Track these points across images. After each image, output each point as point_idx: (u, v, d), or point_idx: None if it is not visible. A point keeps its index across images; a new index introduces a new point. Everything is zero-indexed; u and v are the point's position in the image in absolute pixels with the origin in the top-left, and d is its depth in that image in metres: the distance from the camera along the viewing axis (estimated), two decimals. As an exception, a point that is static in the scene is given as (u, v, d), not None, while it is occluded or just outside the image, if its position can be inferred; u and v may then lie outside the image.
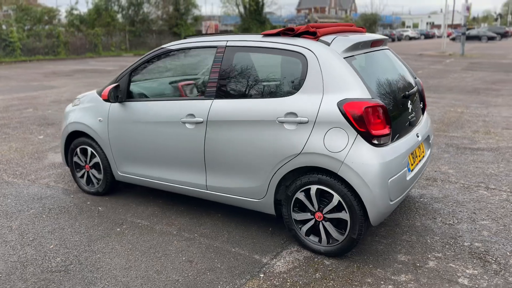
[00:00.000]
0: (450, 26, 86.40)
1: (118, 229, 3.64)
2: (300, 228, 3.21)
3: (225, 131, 3.34)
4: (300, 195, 3.12)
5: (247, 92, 3.36)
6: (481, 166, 5.14)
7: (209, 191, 3.58)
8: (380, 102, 2.90)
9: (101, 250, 3.30)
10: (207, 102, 3.45)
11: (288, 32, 3.26)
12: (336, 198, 2.96)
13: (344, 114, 2.87)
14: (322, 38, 3.15)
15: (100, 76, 16.38)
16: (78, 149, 4.40)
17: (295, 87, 3.11)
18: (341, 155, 2.87)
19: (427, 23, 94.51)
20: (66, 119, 4.50)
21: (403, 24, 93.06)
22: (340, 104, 2.89)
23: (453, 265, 3.00)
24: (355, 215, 2.92)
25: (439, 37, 65.20)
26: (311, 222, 3.14)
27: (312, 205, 3.09)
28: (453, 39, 45.73)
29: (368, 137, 2.85)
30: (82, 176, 4.48)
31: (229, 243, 3.36)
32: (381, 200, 2.87)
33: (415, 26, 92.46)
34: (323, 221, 3.08)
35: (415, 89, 3.54)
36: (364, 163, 2.83)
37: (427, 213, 3.86)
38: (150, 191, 4.44)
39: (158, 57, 3.87)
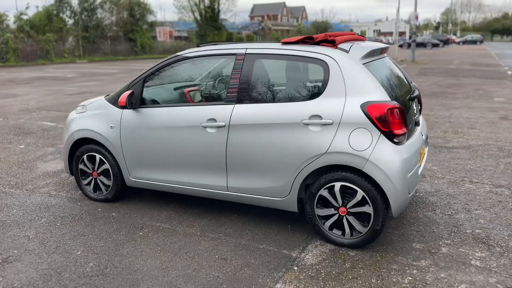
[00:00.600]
0: (392, 34, 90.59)
1: (141, 233, 3.70)
2: (324, 223, 3.43)
3: (248, 134, 3.51)
4: (324, 192, 3.34)
5: (269, 97, 3.56)
6: (460, 162, 5.61)
7: (230, 192, 3.72)
8: (398, 104, 3.19)
9: (131, 253, 3.35)
10: (229, 107, 3.61)
11: (307, 40, 3.49)
12: (360, 193, 3.22)
13: (367, 116, 3.13)
14: (340, 46, 3.41)
15: (61, 83, 15.88)
16: (84, 157, 4.38)
17: (318, 91, 3.35)
18: (366, 153, 3.13)
19: (374, 31, 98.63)
20: (70, 127, 4.47)
21: (351, 31, 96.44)
22: (363, 106, 3.15)
23: (463, 250, 3.34)
24: (379, 208, 3.18)
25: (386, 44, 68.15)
26: (335, 217, 3.37)
27: (336, 201, 3.32)
28: (401, 46, 48.13)
29: (390, 136, 3.13)
30: (88, 184, 4.46)
31: (255, 241, 3.52)
32: (402, 193, 3.16)
33: (363, 33, 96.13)
34: (346, 215, 3.32)
35: (417, 92, 3.89)
36: (388, 160, 3.11)
37: (426, 206, 4.21)
38: (159, 196, 4.50)
39: (173, 64, 3.98)
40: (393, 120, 3.13)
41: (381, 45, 3.76)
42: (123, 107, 3.99)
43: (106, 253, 3.35)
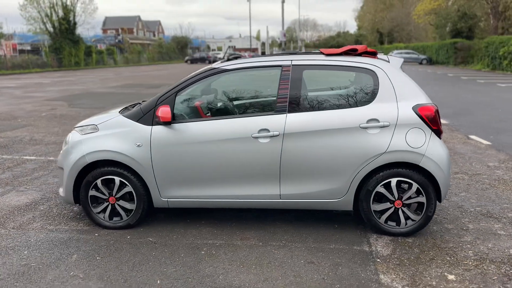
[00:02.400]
0: (249, 49, 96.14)
1: (203, 252, 3.53)
2: (379, 217, 3.77)
3: (305, 142, 3.67)
4: (381, 189, 3.70)
5: (321, 105, 3.78)
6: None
7: (283, 199, 3.81)
8: (436, 106, 3.74)
9: (214, 272, 3.20)
10: (281, 117, 3.71)
11: (350, 52, 3.83)
12: (415, 186, 3.65)
13: (420, 116, 3.60)
14: (379, 56, 3.82)
15: None
16: (98, 181, 3.93)
17: (370, 97, 3.70)
18: (422, 150, 3.59)
19: (229, 47, 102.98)
20: (76, 150, 3.96)
21: (208, 47, 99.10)
22: (415, 108, 3.62)
23: (483, 224, 4.04)
24: (431, 197, 3.66)
25: (244, 58, 71.98)
26: (391, 210, 3.74)
27: (392, 195, 3.70)
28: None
29: (438, 133, 3.66)
30: (102, 211, 4.01)
31: (321, 242, 3.68)
32: (448, 181, 3.71)
33: (219, 49, 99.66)
34: (402, 207, 3.72)
35: None
36: (439, 154, 3.62)
37: (422, 194, 4.88)
38: (177, 215, 4.28)
39: (210, 77, 3.90)
40: (438, 120, 3.66)
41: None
42: (167, 123, 3.74)
43: (189, 277, 3.14)
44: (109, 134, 3.92)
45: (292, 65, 3.80)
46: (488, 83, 19.42)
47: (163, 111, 3.70)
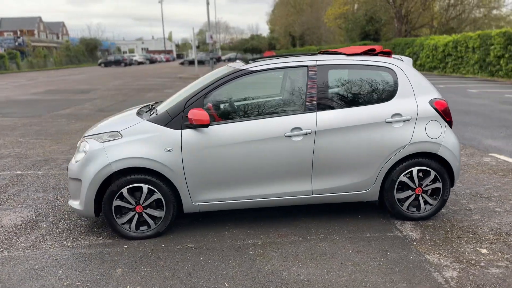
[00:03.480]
0: (163, 51, 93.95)
1: (251, 252, 3.54)
2: (402, 205, 4.07)
3: (335, 138, 3.84)
4: (404, 178, 4.00)
5: (348, 102, 3.98)
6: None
7: (315, 195, 3.95)
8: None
9: (275, 269, 3.24)
10: (311, 115, 3.85)
11: (369, 52, 4.08)
12: (433, 173, 4.01)
13: (436, 110, 3.97)
14: (394, 56, 4.13)
15: None
16: (124, 190, 3.74)
17: (391, 94, 3.99)
18: (440, 140, 3.96)
19: (142, 49, 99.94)
20: (98, 159, 3.70)
21: (118, 49, 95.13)
22: (431, 103, 3.98)
23: (480, 204, 4.54)
24: (446, 182, 4.05)
25: (160, 61, 70.52)
26: (412, 197, 4.06)
27: (414, 183, 4.02)
28: (182, 63, 50.69)
29: (450, 124, 4.05)
30: (128, 221, 3.81)
31: (357, 232, 3.88)
32: (459, 167, 4.12)
33: (131, 51, 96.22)
34: (422, 194, 4.06)
35: None
36: (453, 143, 4.02)
37: (413, 182, 5.31)
38: (201, 219, 4.22)
39: (237, 79, 3.90)
40: (450, 112, 4.06)
41: None
42: (205, 126, 3.65)
43: (254, 277, 3.15)
44: (135, 140, 3.73)
45: (318, 65, 3.95)
46: (404, 81, 21.26)
47: (199, 114, 3.62)
